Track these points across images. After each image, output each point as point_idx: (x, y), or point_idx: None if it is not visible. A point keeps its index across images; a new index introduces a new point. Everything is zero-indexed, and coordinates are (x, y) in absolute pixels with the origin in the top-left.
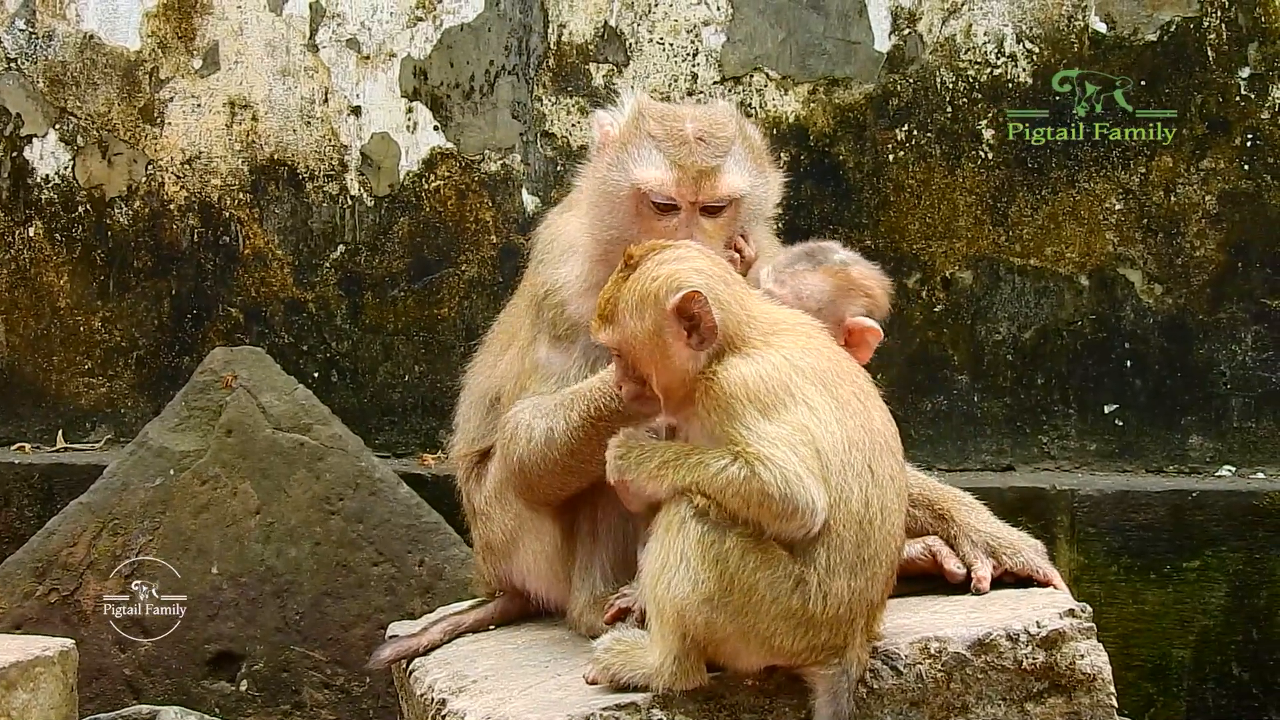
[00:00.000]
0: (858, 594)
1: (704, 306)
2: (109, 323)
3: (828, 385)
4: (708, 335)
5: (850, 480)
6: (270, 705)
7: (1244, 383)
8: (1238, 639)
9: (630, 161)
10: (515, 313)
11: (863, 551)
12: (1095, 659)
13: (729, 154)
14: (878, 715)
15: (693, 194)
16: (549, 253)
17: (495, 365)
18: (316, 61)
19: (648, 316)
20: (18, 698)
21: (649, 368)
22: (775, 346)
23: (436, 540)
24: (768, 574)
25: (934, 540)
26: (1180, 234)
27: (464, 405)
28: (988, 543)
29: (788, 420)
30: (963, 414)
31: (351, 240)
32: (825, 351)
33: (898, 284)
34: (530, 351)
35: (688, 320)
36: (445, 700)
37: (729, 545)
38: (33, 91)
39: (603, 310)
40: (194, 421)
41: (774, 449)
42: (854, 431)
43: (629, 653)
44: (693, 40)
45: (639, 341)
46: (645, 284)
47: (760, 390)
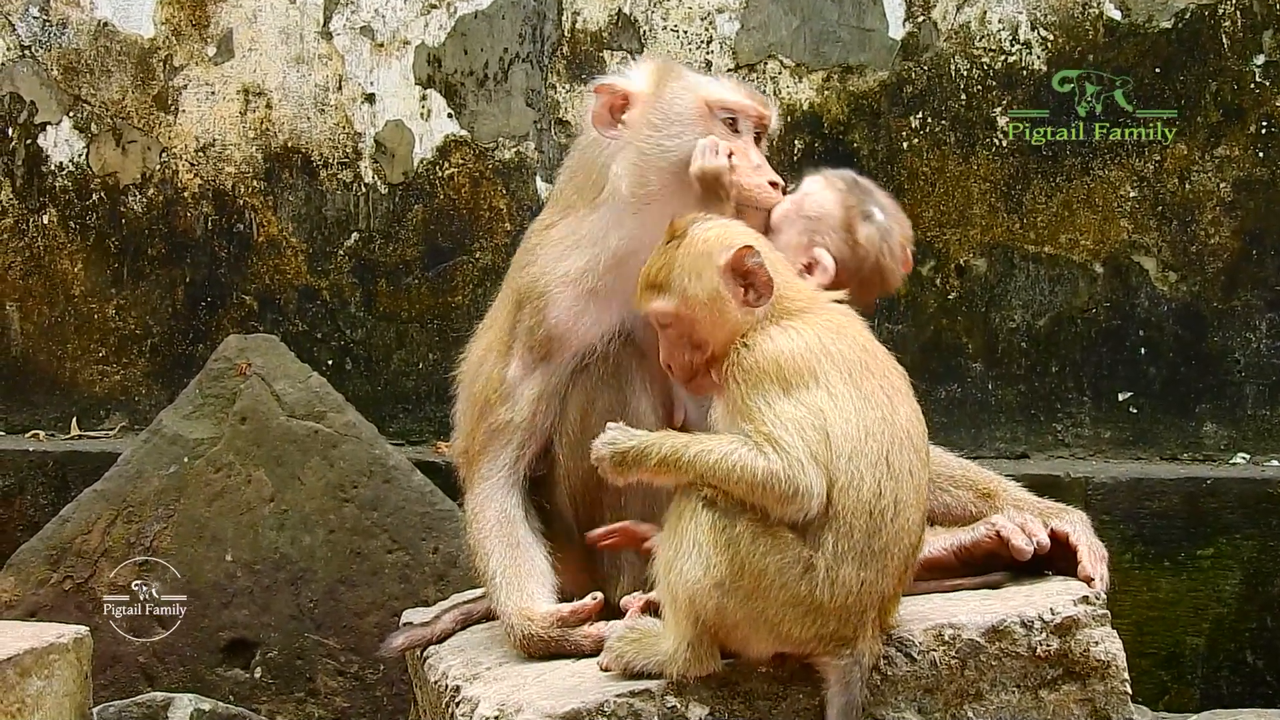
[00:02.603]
0: (867, 584)
1: (758, 261)
2: (123, 310)
3: (853, 374)
4: (764, 290)
5: (863, 469)
6: (284, 692)
7: (1258, 370)
8: (1252, 626)
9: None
10: (503, 302)
11: (873, 542)
12: (1109, 646)
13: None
14: (892, 702)
15: (763, 106)
16: (538, 256)
17: (481, 365)
18: (330, 49)
19: (705, 276)
20: (32, 685)
21: (705, 332)
22: (811, 325)
23: (450, 527)
24: (777, 558)
25: (998, 518)
26: (1195, 221)
27: (461, 402)
28: (1035, 509)
29: (805, 401)
30: (977, 402)
31: (365, 228)
32: (859, 340)
33: (912, 271)
34: (503, 363)
35: (743, 277)
36: (459, 687)
37: (740, 529)
38: (47, 79)
39: (654, 279)
40: (208, 409)
41: (783, 431)
42: (873, 423)
43: (642, 640)
44: (707, 27)
45: (697, 304)
46: (698, 245)
47: (789, 368)
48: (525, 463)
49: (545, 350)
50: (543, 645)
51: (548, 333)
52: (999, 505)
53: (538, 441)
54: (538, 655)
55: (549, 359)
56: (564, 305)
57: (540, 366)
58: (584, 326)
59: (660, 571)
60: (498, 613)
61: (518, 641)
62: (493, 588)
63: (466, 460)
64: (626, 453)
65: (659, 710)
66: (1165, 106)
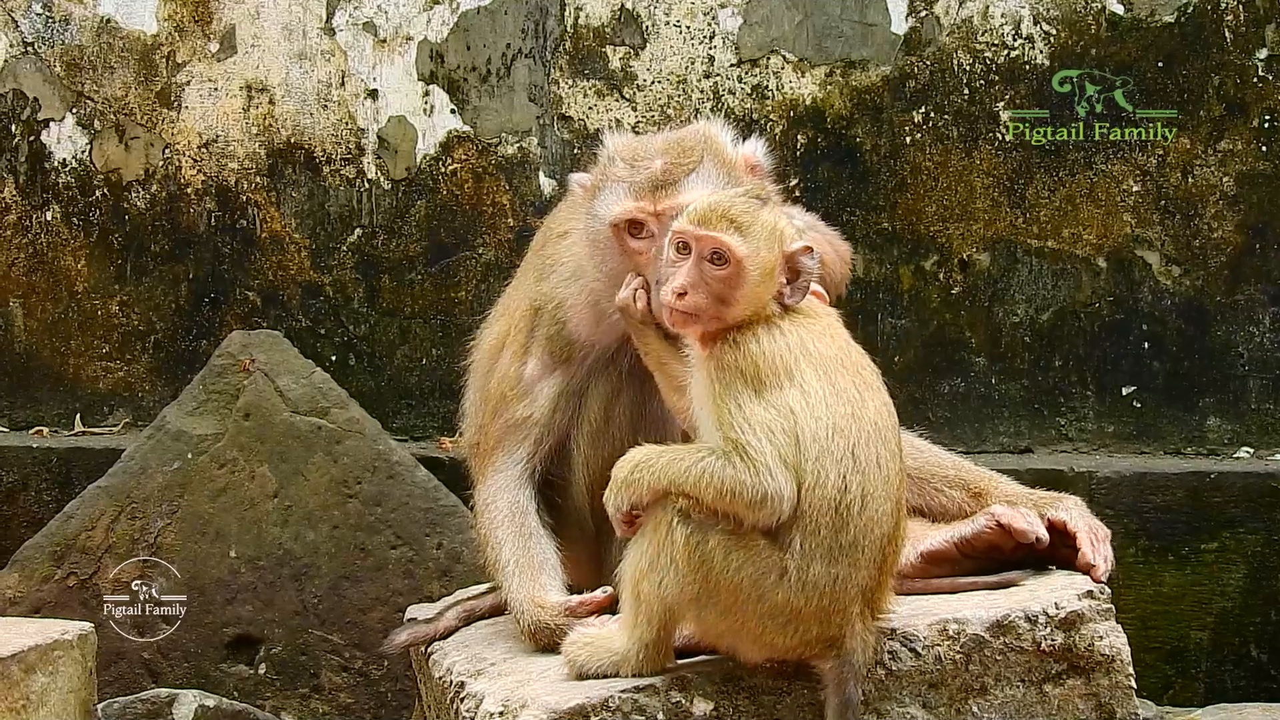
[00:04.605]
0: (840, 580)
1: (810, 267)
2: (126, 306)
3: (828, 371)
4: (799, 294)
5: (827, 465)
6: (289, 688)
7: (1262, 364)
8: (1256, 620)
9: (600, 207)
10: (517, 301)
11: (840, 537)
12: (1114, 640)
13: (695, 170)
14: (896, 697)
15: (651, 204)
16: (554, 268)
17: (496, 360)
18: (333, 45)
19: (775, 249)
20: (37, 681)
21: (741, 293)
22: (798, 325)
23: (454, 523)
24: (751, 571)
25: (997, 507)
26: (1198, 215)
27: (471, 393)
28: (1029, 501)
29: (777, 404)
30: (980, 396)
31: (368, 224)
32: (839, 340)
33: (915, 266)
34: (520, 361)
35: (794, 273)
36: (464, 683)
37: (713, 545)
38: (50, 75)
39: (736, 219)
40: (212, 405)
41: (752, 436)
42: (841, 419)
43: (595, 643)
44: (709, 23)
45: (758, 265)
46: (777, 222)
47: (766, 369)
48: (540, 458)
49: (566, 355)
50: (551, 635)
51: (567, 340)
52: (991, 504)
53: (554, 437)
54: (545, 645)
55: (569, 361)
56: (582, 318)
57: (560, 367)
58: (602, 333)
59: (628, 574)
60: (508, 602)
61: (527, 630)
62: (504, 577)
63: (477, 453)
64: (615, 476)
65: (663, 705)
66: (1167, 102)
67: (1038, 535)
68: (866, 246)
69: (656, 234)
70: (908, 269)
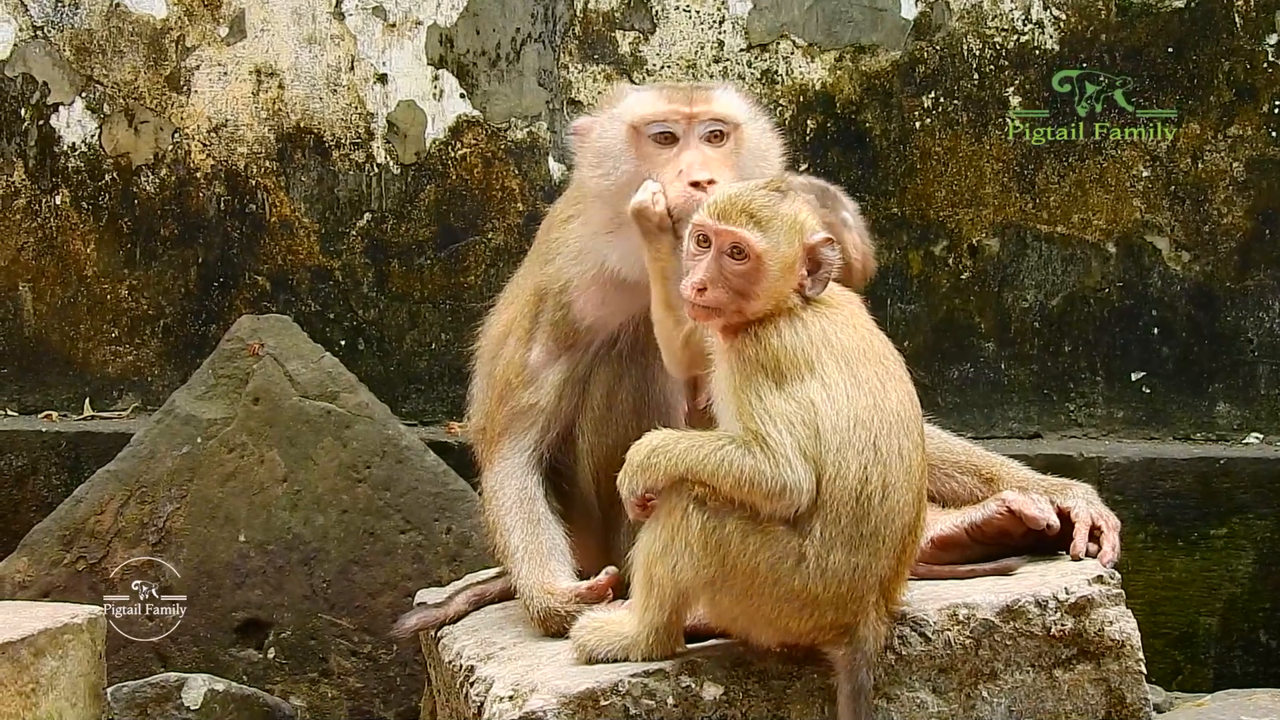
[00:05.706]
0: (860, 569)
1: (832, 258)
2: (136, 291)
3: (850, 362)
4: (819, 285)
5: (849, 456)
6: (298, 673)
7: (1272, 350)
8: (1265, 606)
9: (623, 111)
10: (523, 287)
11: (862, 527)
12: (1124, 625)
13: (722, 87)
14: (906, 681)
15: (687, 105)
16: (559, 251)
17: (502, 346)
18: (343, 29)
19: (795, 242)
20: (46, 665)
21: (761, 287)
22: (820, 316)
23: (463, 508)
24: (768, 555)
25: (1008, 493)
26: (1208, 201)
27: (480, 379)
28: (1040, 487)
29: (797, 396)
30: (990, 382)
31: (378, 208)
32: (861, 329)
33: (924, 251)
34: (525, 348)
35: (815, 265)
36: (474, 667)
37: (730, 529)
38: (59, 60)
39: (754, 212)
40: (221, 389)
41: (772, 427)
42: (863, 410)
43: (604, 628)
44: (719, 7)
45: (778, 259)
46: (797, 214)
47: (787, 362)
48: (547, 445)
49: (570, 340)
50: (561, 621)
51: (572, 325)
52: (1002, 489)
53: (560, 424)
54: (555, 631)
55: (574, 347)
56: (587, 299)
57: (565, 354)
58: (607, 315)
59: (640, 558)
60: (517, 588)
61: (536, 616)
62: (513, 563)
63: (485, 439)
64: (630, 459)
65: (673, 690)
66: (1176, 88)
67: (1049, 522)
68: (876, 232)
69: (684, 142)
70: (917, 254)
